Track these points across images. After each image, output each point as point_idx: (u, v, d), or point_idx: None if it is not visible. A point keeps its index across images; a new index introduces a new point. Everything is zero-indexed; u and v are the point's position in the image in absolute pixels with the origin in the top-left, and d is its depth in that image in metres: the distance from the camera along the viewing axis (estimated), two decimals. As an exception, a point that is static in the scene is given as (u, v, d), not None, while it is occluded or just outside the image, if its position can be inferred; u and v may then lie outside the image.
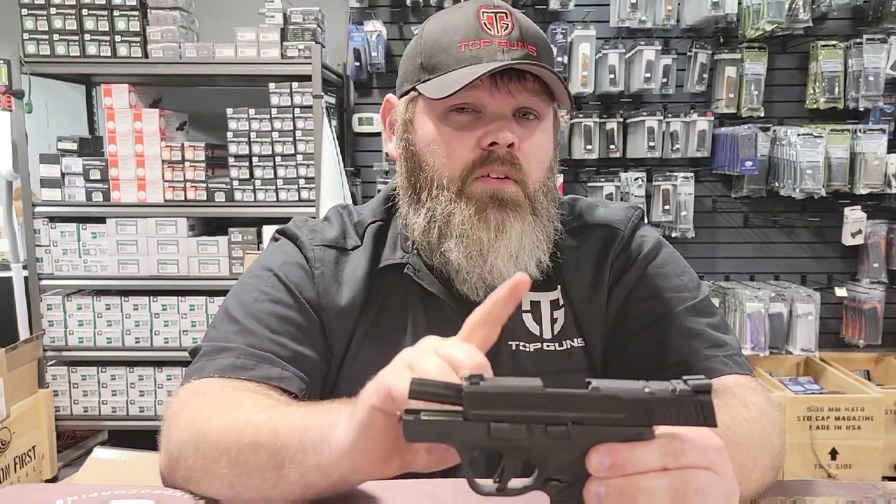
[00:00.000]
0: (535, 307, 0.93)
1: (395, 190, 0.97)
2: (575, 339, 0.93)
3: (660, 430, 0.50)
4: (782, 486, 0.78)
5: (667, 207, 2.89)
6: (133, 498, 0.75)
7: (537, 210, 0.88)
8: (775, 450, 0.77)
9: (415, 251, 0.92)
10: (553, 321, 0.93)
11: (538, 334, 0.92)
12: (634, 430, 0.48)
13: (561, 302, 0.94)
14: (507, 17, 0.86)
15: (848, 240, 2.90)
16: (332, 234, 0.96)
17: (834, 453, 2.51)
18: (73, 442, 3.03)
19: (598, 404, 0.48)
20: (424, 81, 0.87)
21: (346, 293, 0.91)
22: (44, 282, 2.76)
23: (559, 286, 0.94)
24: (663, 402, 0.48)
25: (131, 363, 2.81)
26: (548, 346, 0.92)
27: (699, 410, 0.48)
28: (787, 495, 0.77)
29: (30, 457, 2.60)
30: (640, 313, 0.91)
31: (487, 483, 0.51)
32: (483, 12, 0.86)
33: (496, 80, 0.84)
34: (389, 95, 0.97)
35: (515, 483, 0.50)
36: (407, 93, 0.91)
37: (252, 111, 2.68)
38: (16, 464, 2.52)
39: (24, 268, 2.77)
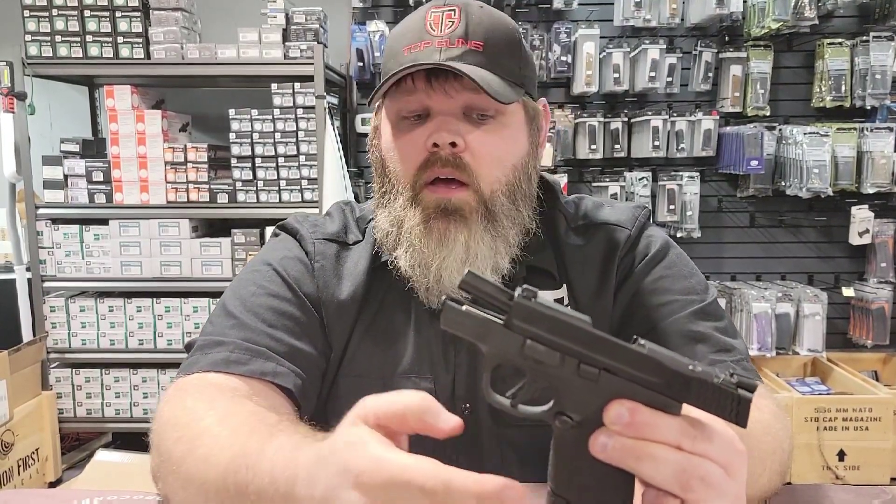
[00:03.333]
0: None
1: None
2: None
3: (686, 411, 0.48)
4: (791, 492, 0.77)
5: (672, 207, 2.87)
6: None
7: (494, 214, 0.85)
8: (785, 454, 0.76)
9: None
10: None
11: None
12: (663, 399, 0.47)
13: (566, 301, 0.92)
14: (454, 14, 0.83)
15: (855, 239, 2.88)
16: (333, 229, 0.95)
17: (842, 454, 2.49)
18: (77, 444, 3.03)
19: (639, 362, 0.47)
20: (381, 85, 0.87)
21: (347, 287, 0.90)
22: (47, 284, 2.76)
23: (565, 285, 0.93)
24: (703, 385, 0.46)
25: (134, 365, 2.80)
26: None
27: (735, 405, 0.46)
28: (795, 501, 0.75)
29: (33, 459, 2.60)
30: (645, 315, 0.90)
31: (502, 398, 0.49)
32: (431, 13, 0.84)
33: (431, 82, 0.82)
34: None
35: (528, 407, 0.49)
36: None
37: (254, 112, 2.68)
38: (19, 466, 2.52)
39: (27, 270, 2.77)
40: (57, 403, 2.77)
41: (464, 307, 0.47)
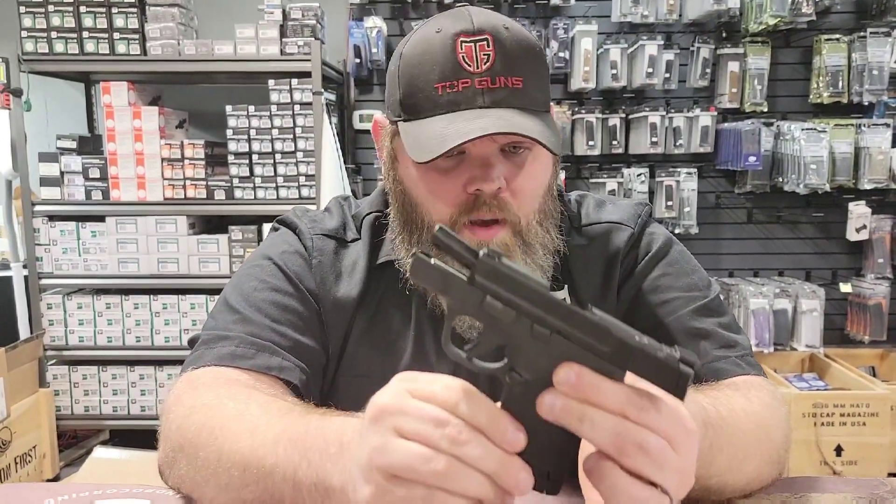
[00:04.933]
0: None
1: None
2: None
3: (640, 384, 0.49)
4: (788, 483, 0.77)
5: (670, 203, 2.87)
6: (124, 497, 0.75)
7: (529, 245, 0.84)
8: (776, 444, 0.75)
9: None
10: None
11: None
12: (608, 366, 0.49)
13: (569, 301, 0.92)
14: (487, 45, 0.78)
15: (853, 235, 2.88)
16: (332, 225, 0.94)
17: (839, 450, 2.49)
18: (75, 442, 3.02)
19: (588, 328, 0.49)
20: (406, 121, 0.82)
21: (344, 285, 0.90)
22: (44, 281, 2.75)
23: (566, 286, 0.92)
24: (647, 356, 0.48)
25: (132, 362, 2.80)
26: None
27: (675, 378, 0.48)
28: (792, 492, 0.75)
29: (31, 456, 2.60)
30: (650, 313, 0.90)
31: (459, 351, 0.51)
32: (462, 43, 0.78)
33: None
34: (377, 116, 0.92)
35: (482, 362, 0.51)
36: (392, 122, 0.86)
37: (252, 108, 2.67)
38: (17, 463, 2.51)
39: (24, 267, 2.76)
40: (54, 401, 2.77)
41: (432, 260, 0.50)
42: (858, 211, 2.86)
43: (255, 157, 2.69)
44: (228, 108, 2.68)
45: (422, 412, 0.49)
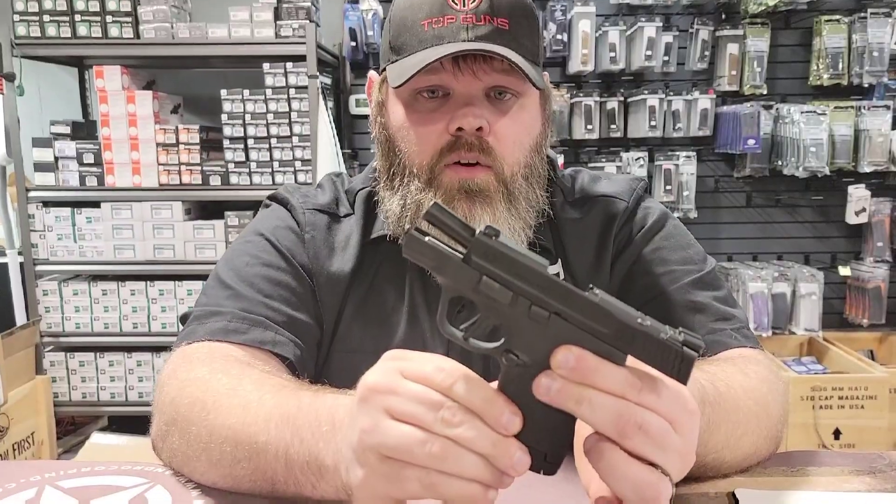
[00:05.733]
0: None
1: None
2: None
3: (640, 366, 0.48)
4: (785, 457, 0.76)
5: (669, 188, 2.85)
6: (114, 475, 0.74)
7: (513, 195, 0.84)
8: (773, 419, 0.75)
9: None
10: None
11: None
12: (608, 348, 0.47)
13: (562, 276, 0.91)
14: None
15: (852, 218, 2.87)
16: (324, 200, 0.93)
17: (837, 433, 2.49)
18: (73, 428, 3.02)
19: (589, 310, 0.47)
20: (392, 62, 0.83)
21: (337, 260, 0.89)
22: (39, 267, 2.74)
23: (560, 260, 0.92)
24: (648, 338, 0.47)
25: (129, 349, 2.79)
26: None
27: (678, 362, 0.47)
28: (789, 465, 0.74)
29: (29, 443, 2.59)
30: (644, 286, 0.89)
31: (455, 330, 0.50)
32: None
33: (458, 62, 0.80)
34: (371, 72, 0.93)
35: (479, 342, 0.50)
36: (381, 72, 0.88)
37: (246, 92, 2.65)
38: (15, 450, 2.51)
39: (20, 254, 2.74)
40: (52, 387, 2.76)
41: (426, 238, 0.48)
42: (858, 194, 2.85)
43: (250, 141, 2.67)
44: (223, 93, 2.65)
45: (414, 393, 0.48)
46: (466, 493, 0.47)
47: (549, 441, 0.50)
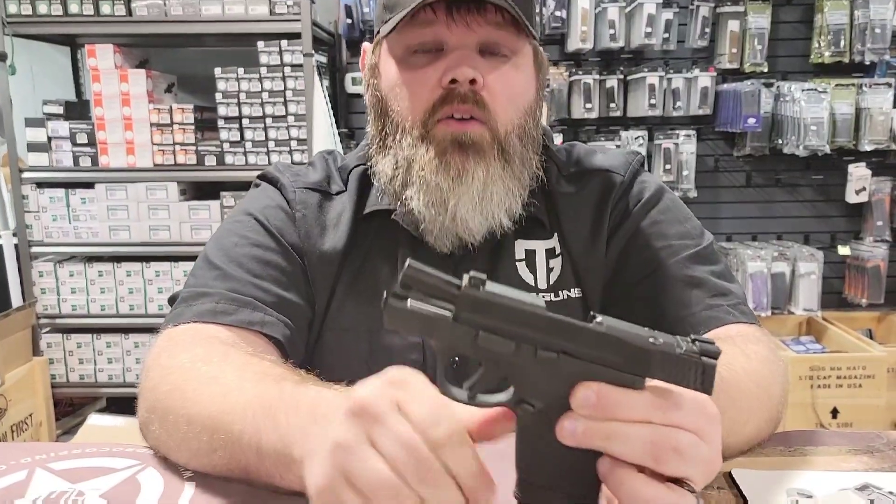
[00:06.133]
0: (530, 256, 0.89)
1: None
2: (572, 290, 0.90)
3: (652, 383, 0.46)
4: (784, 437, 0.75)
5: (668, 167, 2.83)
6: (105, 456, 0.73)
7: (508, 154, 0.82)
8: (774, 401, 0.74)
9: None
10: (549, 270, 0.89)
11: (533, 284, 0.89)
12: (626, 377, 0.45)
13: (558, 250, 0.90)
14: None
15: (852, 197, 2.85)
16: (315, 178, 0.92)
17: (835, 412, 2.50)
18: (72, 410, 3.02)
19: (598, 342, 0.45)
20: (386, 22, 0.82)
21: (329, 238, 0.88)
22: (34, 249, 2.72)
23: (556, 234, 0.90)
24: (665, 357, 0.45)
25: (126, 330, 2.78)
26: (543, 296, 0.88)
27: (699, 374, 0.45)
28: (787, 445, 0.73)
29: (27, 424, 2.59)
30: (641, 261, 0.88)
31: (459, 390, 0.47)
32: None
33: (452, 13, 0.78)
34: (365, 43, 0.92)
35: (487, 396, 0.47)
36: (376, 34, 0.87)
37: (241, 71, 2.61)
38: (13, 431, 2.51)
39: (14, 235, 2.73)
40: (49, 369, 2.76)
41: (408, 303, 0.45)
42: (858, 173, 2.83)
43: (245, 121, 2.64)
44: (217, 71, 2.62)
45: (404, 438, 0.45)
46: None
47: (582, 484, 0.47)
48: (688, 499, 0.46)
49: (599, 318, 0.46)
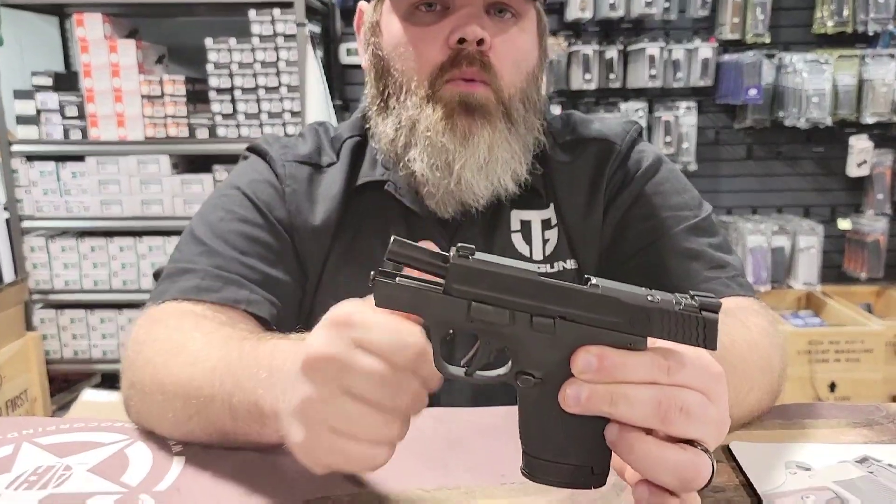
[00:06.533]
0: (525, 226, 0.88)
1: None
2: (567, 261, 0.88)
3: (656, 343, 0.45)
4: (783, 410, 0.74)
5: (668, 140, 2.80)
6: (94, 431, 0.71)
7: (513, 118, 0.80)
8: (775, 373, 0.72)
9: (397, 168, 0.86)
10: (545, 241, 0.88)
11: (528, 255, 0.87)
12: (627, 337, 0.44)
13: (553, 221, 0.88)
14: None
15: (853, 170, 2.82)
16: (305, 150, 0.89)
17: (833, 386, 2.50)
18: (67, 385, 3.02)
19: (594, 304, 0.44)
20: None
21: (320, 212, 0.85)
22: (25, 223, 2.69)
23: (552, 204, 0.88)
24: (665, 314, 0.43)
25: (120, 306, 2.76)
26: (538, 268, 0.86)
27: (701, 329, 0.44)
28: (786, 418, 0.72)
29: (22, 400, 2.59)
30: (638, 233, 0.86)
31: (456, 368, 0.47)
32: None
33: None
34: (362, 3, 0.88)
35: (485, 372, 0.46)
36: None
37: (233, 41, 2.56)
38: (8, 407, 2.51)
39: (5, 209, 2.70)
40: (44, 345, 2.74)
41: (396, 279, 0.44)
42: (860, 145, 2.79)
43: (237, 93, 2.59)
44: (208, 42, 2.57)
45: (373, 373, 0.45)
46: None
47: (591, 453, 0.46)
48: (702, 458, 0.45)
49: (595, 281, 0.44)
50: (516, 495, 0.51)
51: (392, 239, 0.44)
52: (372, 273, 0.44)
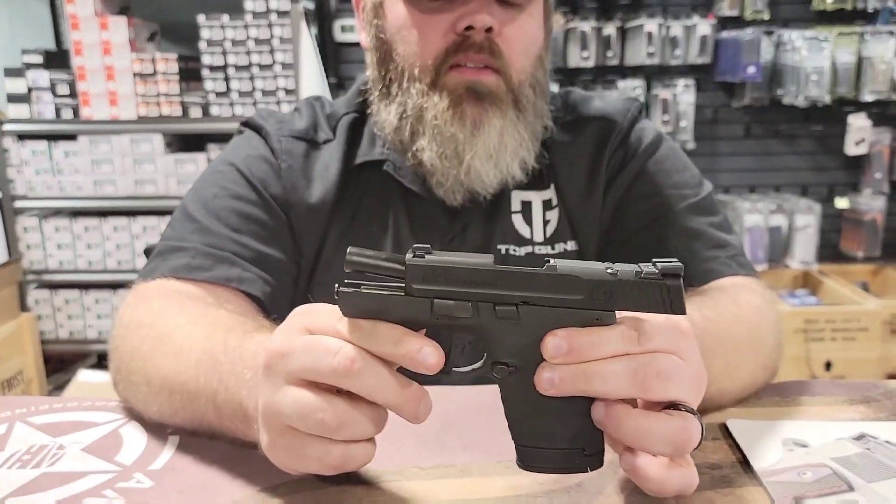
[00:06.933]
0: (526, 207, 0.87)
1: (367, 84, 0.88)
2: (568, 242, 0.87)
3: (622, 315, 0.45)
4: (779, 388, 0.73)
5: (666, 118, 2.78)
6: (87, 410, 0.71)
7: (521, 105, 0.79)
8: (768, 348, 0.72)
9: (404, 157, 0.84)
10: (545, 223, 0.87)
11: (529, 237, 0.86)
12: (593, 313, 0.44)
13: (554, 202, 0.87)
14: None
15: (851, 149, 2.81)
16: (301, 126, 0.87)
17: (829, 365, 2.51)
18: (62, 366, 3.01)
19: (554, 284, 0.44)
20: None
21: (317, 190, 0.84)
22: (18, 203, 2.67)
23: (552, 185, 0.87)
24: (626, 285, 0.43)
25: (114, 286, 2.75)
26: (539, 249, 0.86)
27: (666, 295, 0.43)
28: (783, 396, 0.71)
29: (18, 381, 2.58)
30: (638, 212, 0.85)
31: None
32: None
33: None
34: None
35: (461, 368, 0.47)
36: None
37: (226, 18, 2.53)
38: (4, 388, 2.50)
39: (-2, 189, 2.68)
40: (38, 325, 2.74)
41: (361, 288, 0.45)
42: (858, 124, 2.78)
43: (231, 70, 2.57)
44: (201, 18, 2.53)
45: (311, 344, 0.45)
46: (366, 459, 0.48)
47: (579, 435, 0.46)
48: (690, 420, 0.45)
49: (553, 262, 0.45)
50: (513, 473, 0.51)
51: (349, 249, 0.45)
52: (336, 286, 0.45)
